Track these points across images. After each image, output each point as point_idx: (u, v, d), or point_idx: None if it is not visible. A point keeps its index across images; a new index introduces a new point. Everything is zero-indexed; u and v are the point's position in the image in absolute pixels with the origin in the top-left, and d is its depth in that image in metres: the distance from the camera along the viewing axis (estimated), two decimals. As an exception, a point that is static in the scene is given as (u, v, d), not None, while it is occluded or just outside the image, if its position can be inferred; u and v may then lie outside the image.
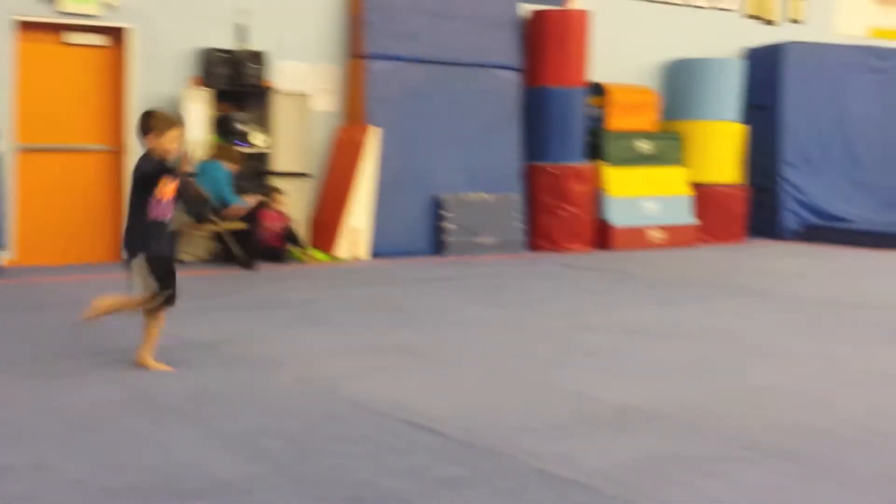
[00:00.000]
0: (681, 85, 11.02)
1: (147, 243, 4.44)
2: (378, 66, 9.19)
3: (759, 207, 11.36)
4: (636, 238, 10.17)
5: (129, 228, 4.54)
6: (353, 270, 8.31)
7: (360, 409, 3.94)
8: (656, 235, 10.30)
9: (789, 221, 11.53)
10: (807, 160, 11.67)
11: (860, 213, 11.87)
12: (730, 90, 10.90)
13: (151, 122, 4.47)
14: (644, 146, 10.49)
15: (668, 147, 10.68)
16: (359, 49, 9.21)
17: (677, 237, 10.42)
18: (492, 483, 3.12)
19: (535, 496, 3.01)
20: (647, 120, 10.71)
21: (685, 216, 10.56)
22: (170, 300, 4.53)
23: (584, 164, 9.99)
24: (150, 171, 4.40)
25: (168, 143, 4.45)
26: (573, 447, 3.49)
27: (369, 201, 8.92)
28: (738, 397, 4.25)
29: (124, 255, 4.57)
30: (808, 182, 11.67)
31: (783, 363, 4.97)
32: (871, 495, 3.09)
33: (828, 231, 11.16)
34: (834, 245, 10.66)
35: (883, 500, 3.05)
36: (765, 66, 11.47)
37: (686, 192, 10.64)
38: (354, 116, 9.24)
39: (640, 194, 10.33)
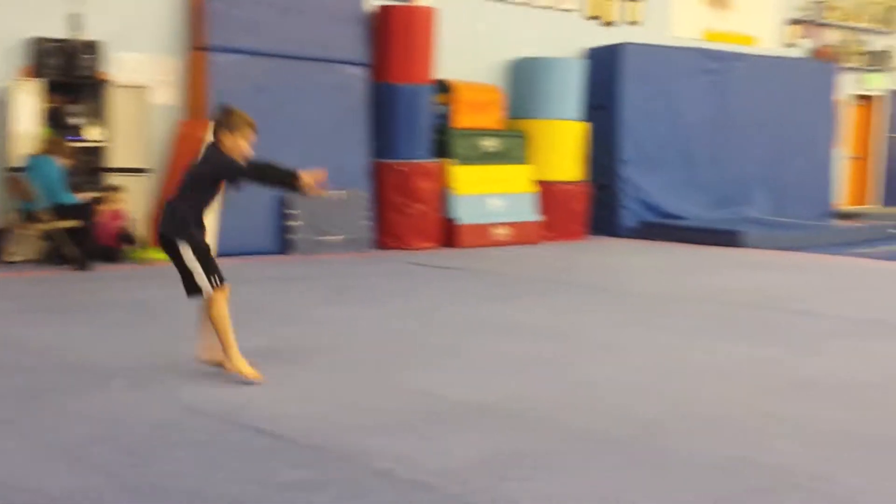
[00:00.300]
0: (525, 84, 11.22)
1: (192, 231, 4.36)
2: (221, 58, 8.96)
3: (600, 205, 11.69)
4: (482, 235, 10.30)
5: (174, 214, 4.38)
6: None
7: (199, 415, 3.83)
8: (502, 233, 10.46)
9: (628, 219, 11.89)
10: (644, 159, 12.07)
11: (693, 211, 12.37)
12: (571, 89, 11.16)
13: (232, 120, 4.43)
14: (489, 144, 10.62)
15: (513, 145, 10.86)
16: (201, 41, 8.96)
17: (522, 234, 10.60)
18: (335, 485, 3.08)
19: (378, 497, 3.00)
20: (492, 118, 10.85)
21: (529, 213, 10.76)
22: (221, 280, 4.40)
23: (430, 162, 10.04)
24: (232, 170, 4.37)
25: (242, 143, 4.42)
26: (418, 446, 3.49)
27: (212, 198, 8.70)
28: (577, 391, 4.35)
29: (168, 236, 4.39)
30: (645, 180, 12.07)
31: (619, 356, 5.12)
32: (696, 477, 3.21)
33: (663, 228, 11.57)
34: (669, 241, 11.06)
35: (709, 481, 3.18)
36: (604, 67, 11.81)
37: (530, 190, 10.83)
38: (196, 110, 8.99)
39: (486, 192, 10.46)
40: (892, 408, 4.20)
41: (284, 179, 4.43)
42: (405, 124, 9.92)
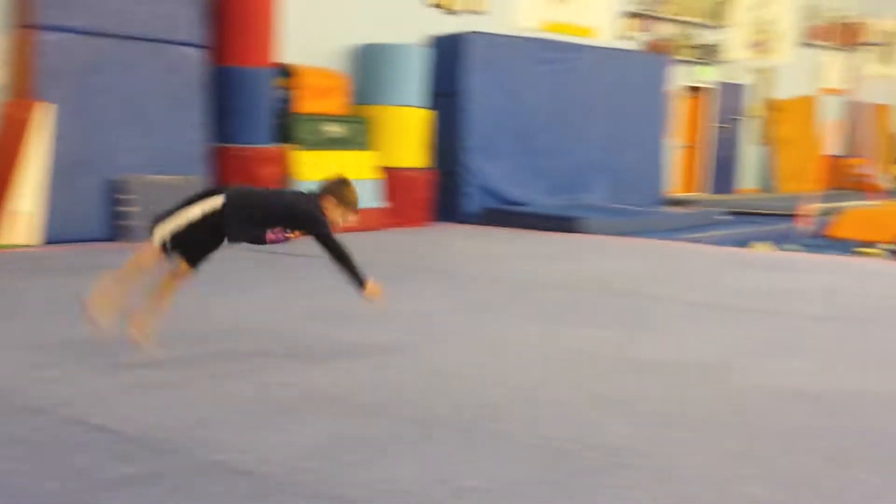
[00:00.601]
0: (369, 70, 11.16)
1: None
2: (49, 37, 8.53)
3: (445, 191, 11.77)
4: (326, 221, 10.17)
5: (240, 223, 4.39)
6: (20, 258, 7.68)
7: (19, 410, 3.63)
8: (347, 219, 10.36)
9: (471, 205, 12.02)
10: (487, 146, 12.23)
11: (535, 197, 12.62)
12: (416, 76, 11.18)
13: (345, 193, 4.48)
14: (333, 130, 10.52)
15: (358, 131, 10.79)
16: (27, 18, 8.49)
17: (367, 221, 10.52)
18: (164, 480, 2.98)
19: (207, 490, 2.91)
20: (336, 103, 10.75)
21: (374, 200, 10.72)
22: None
23: (272, 147, 9.86)
24: (321, 226, 4.42)
25: (337, 217, 4.46)
26: (254, 437, 3.42)
27: (39, 183, 8.29)
28: (419, 377, 4.36)
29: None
30: (488, 167, 12.23)
31: (463, 342, 5.16)
32: (528, 458, 3.26)
33: (506, 214, 11.75)
34: (512, 228, 11.24)
35: (541, 461, 3.23)
36: (449, 55, 11.88)
37: (375, 177, 10.80)
38: (22, 91, 8.53)
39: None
40: (721, 388, 4.37)
41: (353, 274, 4.49)
42: (245, 109, 9.70)
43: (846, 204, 13.91)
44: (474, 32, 12.12)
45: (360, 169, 10.70)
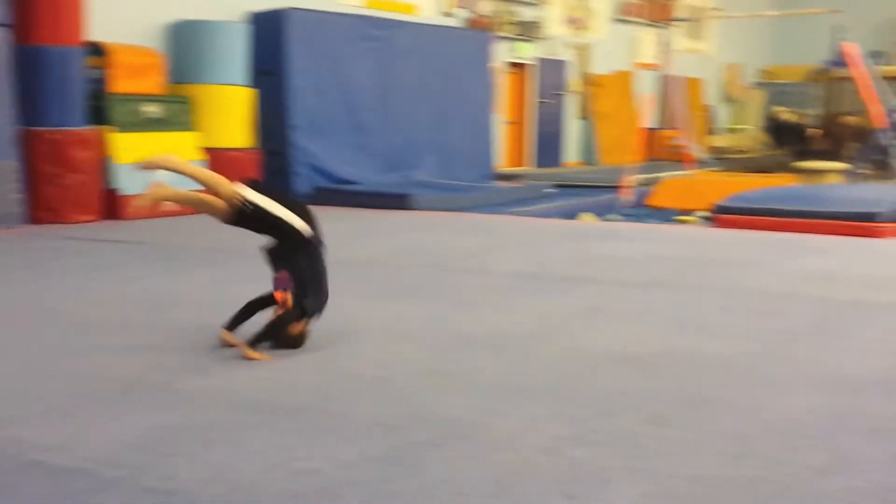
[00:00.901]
0: (187, 48, 10.80)
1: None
2: None
3: (273, 171, 11.53)
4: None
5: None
6: None
7: None
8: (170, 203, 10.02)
9: (301, 185, 11.85)
10: (314, 125, 12.08)
11: (365, 175, 12.56)
12: (236, 54, 10.90)
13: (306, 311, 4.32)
14: (152, 110, 10.14)
15: (178, 111, 10.44)
16: None
17: (191, 203, 10.22)
18: (-26, 484, 2.79)
19: (32, 490, 2.76)
20: (153, 83, 10.35)
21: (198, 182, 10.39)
22: None
23: (86, 129, 9.41)
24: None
25: (295, 330, 4.32)
26: (75, 431, 3.26)
27: None
28: (246, 362, 4.25)
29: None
30: (316, 146, 12.08)
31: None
32: (363, 437, 3.24)
33: (337, 193, 11.64)
34: (343, 207, 11.14)
35: (375, 439, 3.22)
36: (269, 32, 11.63)
37: (198, 158, 10.48)
38: None
39: (150, 160, 9.97)
40: (548, 357, 4.46)
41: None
42: (55, 90, 9.20)
43: (664, 174, 14.52)
44: (294, 8, 11.90)
45: (182, 150, 10.36)
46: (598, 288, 6.21)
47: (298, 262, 4.37)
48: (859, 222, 9.14)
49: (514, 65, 17.07)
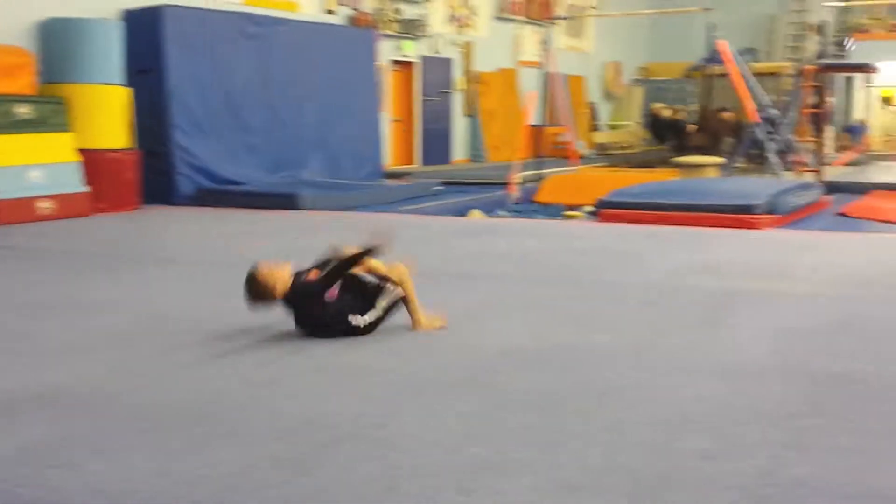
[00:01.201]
0: (58, 46, 10.39)
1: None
2: None
3: (153, 173, 11.21)
4: (22, 210, 9.44)
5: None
6: None
7: None
8: (44, 206, 9.67)
9: (184, 186, 11.57)
10: (195, 124, 11.80)
11: (251, 175, 12.34)
12: (111, 52, 10.55)
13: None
14: (23, 111, 9.73)
15: (51, 112, 10.04)
16: None
17: (68, 207, 9.88)
18: None
19: None
20: (23, 83, 9.94)
21: (75, 184, 10.05)
22: None
23: (-47, 132, 8.99)
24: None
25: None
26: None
27: None
28: (141, 368, 4.12)
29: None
30: (198, 146, 11.81)
31: (191, 329, 4.90)
32: (258, 443, 3.16)
33: (222, 194, 11.41)
34: (228, 207, 10.93)
35: (271, 444, 3.14)
36: (145, 29, 11.30)
37: (74, 159, 10.13)
38: None
39: (23, 163, 9.60)
40: (440, 354, 4.44)
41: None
42: (-83, 90, 8.76)
43: (549, 171, 14.71)
44: (170, 6, 11.60)
45: (56, 152, 10.00)
46: (487, 284, 6.22)
47: None
48: (737, 214, 9.42)
49: (400, 63, 17.05)
